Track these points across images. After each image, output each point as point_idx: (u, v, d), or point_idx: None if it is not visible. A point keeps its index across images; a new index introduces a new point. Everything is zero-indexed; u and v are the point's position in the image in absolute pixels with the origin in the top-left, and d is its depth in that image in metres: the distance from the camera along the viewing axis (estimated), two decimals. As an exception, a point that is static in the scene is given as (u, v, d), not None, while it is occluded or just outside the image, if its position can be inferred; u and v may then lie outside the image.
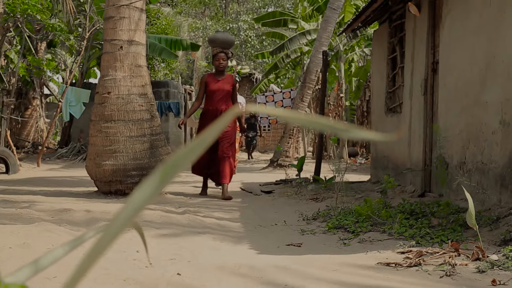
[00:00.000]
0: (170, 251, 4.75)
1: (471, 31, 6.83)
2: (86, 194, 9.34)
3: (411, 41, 9.10)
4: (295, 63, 25.93)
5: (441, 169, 7.46)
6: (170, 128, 22.81)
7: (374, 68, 12.11)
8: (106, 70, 9.13)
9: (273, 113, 0.69)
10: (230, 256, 4.75)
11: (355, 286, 3.78)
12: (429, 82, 8.36)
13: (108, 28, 9.18)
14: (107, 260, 4.11)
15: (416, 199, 7.61)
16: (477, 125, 6.49)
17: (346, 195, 8.36)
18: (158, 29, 24.89)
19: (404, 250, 4.76)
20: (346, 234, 5.83)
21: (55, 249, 0.74)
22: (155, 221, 6.31)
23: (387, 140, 0.77)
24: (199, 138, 0.64)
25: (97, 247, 0.63)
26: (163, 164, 0.64)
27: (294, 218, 7.13)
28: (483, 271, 3.96)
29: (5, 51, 20.21)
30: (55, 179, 12.69)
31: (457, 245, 4.51)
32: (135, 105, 9.01)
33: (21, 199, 8.36)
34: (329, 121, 0.66)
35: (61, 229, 5.52)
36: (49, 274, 3.62)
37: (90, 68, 23.42)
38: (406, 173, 8.75)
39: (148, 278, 3.80)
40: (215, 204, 8.51)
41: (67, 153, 20.50)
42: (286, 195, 9.60)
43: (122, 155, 8.87)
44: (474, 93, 6.63)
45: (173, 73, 36.24)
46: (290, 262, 4.54)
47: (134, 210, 0.63)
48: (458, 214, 5.87)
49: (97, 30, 18.87)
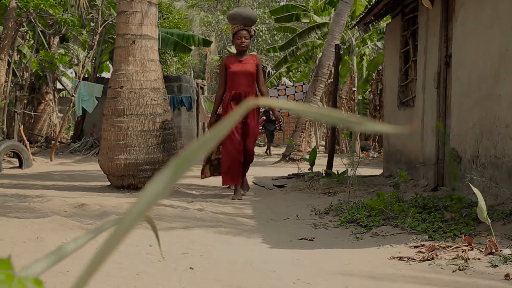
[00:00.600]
0: (182, 245, 4.76)
1: (484, 24, 6.79)
2: (99, 188, 9.37)
3: (424, 35, 9.06)
4: (307, 56, 25.87)
5: (454, 163, 7.44)
6: (183, 122, 22.83)
7: (387, 61, 12.06)
8: (119, 65, 9.15)
9: (286, 106, 0.68)
10: (242, 250, 4.75)
11: (367, 280, 3.78)
12: (442, 76, 8.32)
13: (121, 23, 9.20)
14: (120, 254, 4.13)
15: (429, 193, 7.59)
16: (490, 119, 6.45)
17: (358, 189, 8.34)
18: (170, 23, 24.89)
19: (416, 244, 4.75)
20: (358, 228, 5.82)
21: (68, 243, 0.74)
22: (167, 215, 6.33)
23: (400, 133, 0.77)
24: (212, 131, 0.64)
25: (110, 241, 0.63)
26: (176, 158, 0.64)
27: (306, 212, 7.12)
28: (496, 265, 3.94)
29: (18, 46, 20.28)
30: (68, 173, 12.74)
31: (470, 239, 4.49)
32: (147, 100, 9.02)
33: (34, 193, 8.40)
34: (341, 114, 0.66)
35: (74, 223, 5.54)
36: (62, 268, 3.64)
37: (103, 63, 23.45)
38: (418, 167, 8.72)
39: (161, 272, 3.80)
40: (228, 198, 8.51)
41: (79, 147, 20.57)
42: (298, 189, 9.59)
43: (134, 149, 8.89)
44: (487, 86, 6.59)
45: (185, 68, 36.28)
46: (303, 256, 4.54)
47: (146, 204, 0.63)
48: (471, 208, 5.84)
49: (109, 24, 18.91)
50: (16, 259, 3.90)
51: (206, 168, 9.54)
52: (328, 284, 3.71)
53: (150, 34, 9.21)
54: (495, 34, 6.46)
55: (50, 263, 0.71)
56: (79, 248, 0.75)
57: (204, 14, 42.36)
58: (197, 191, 9.33)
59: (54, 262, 0.72)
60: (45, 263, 0.71)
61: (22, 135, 16.37)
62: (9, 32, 16.82)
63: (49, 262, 0.71)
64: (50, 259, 0.72)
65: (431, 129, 8.51)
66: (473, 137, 6.96)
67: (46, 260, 0.71)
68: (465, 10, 7.43)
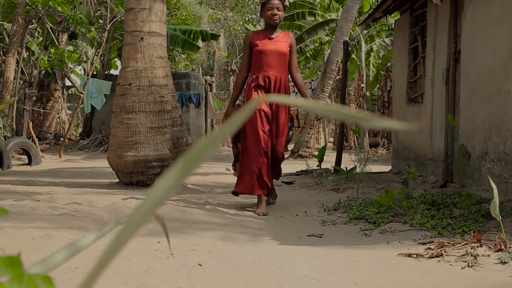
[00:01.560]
0: (191, 241, 4.76)
1: (493, 20, 6.76)
2: (108, 185, 9.39)
3: (432, 31, 9.03)
4: (315, 53, 25.83)
5: (463, 160, 7.42)
6: (191, 119, 22.84)
7: (395, 58, 12.04)
8: (127, 62, 9.16)
9: (295, 103, 0.68)
10: (251, 246, 4.76)
11: (376, 277, 3.77)
12: (450, 72, 8.30)
13: (129, 20, 9.21)
14: (129, 250, 4.14)
15: (438, 190, 7.57)
16: (500, 115, 6.43)
17: (367, 186, 8.33)
18: (178, 20, 24.90)
19: (425, 241, 4.74)
20: (367, 225, 5.81)
21: (77, 240, 0.74)
22: (175, 212, 6.34)
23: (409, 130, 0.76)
24: (225, 125, 0.63)
25: (119, 238, 0.63)
26: (185, 155, 0.64)
27: (315, 209, 7.12)
28: (505, 262, 3.92)
29: (27, 43, 20.33)
30: (76, 170, 12.78)
31: (479, 236, 4.48)
32: (156, 96, 9.03)
33: (43, 190, 8.42)
34: (350, 111, 0.66)
35: (83, 220, 5.56)
36: (71, 264, 3.65)
37: (111, 60, 23.50)
38: (427, 163, 8.71)
39: (169, 269, 3.81)
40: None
41: (88, 144, 20.62)
42: (307, 185, 9.58)
43: (143, 146, 8.90)
44: (497, 82, 6.57)
45: (194, 64, 36.28)
46: (311, 253, 4.54)
47: (155, 201, 0.63)
48: (480, 205, 5.83)
49: (118, 21, 18.94)
50: (26, 256, 3.91)
51: (237, 165, 7.72)
52: (336, 280, 3.70)
53: (159, 31, 9.21)
54: (504, 30, 6.43)
55: (59, 260, 0.72)
56: (88, 245, 0.75)
57: (213, 11, 42.33)
58: (205, 188, 9.34)
59: (63, 259, 0.72)
60: (54, 260, 0.71)
61: (31, 132, 16.42)
62: (18, 29, 16.87)
63: (58, 259, 0.72)
64: (59, 256, 0.72)
65: (440, 125, 8.49)
66: (482, 134, 6.94)
67: (55, 257, 0.72)
68: (474, 6, 7.41)
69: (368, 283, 3.66)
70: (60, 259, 0.72)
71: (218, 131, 0.64)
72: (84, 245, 0.74)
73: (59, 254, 0.72)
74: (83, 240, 0.74)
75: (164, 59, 9.32)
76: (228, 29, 41.68)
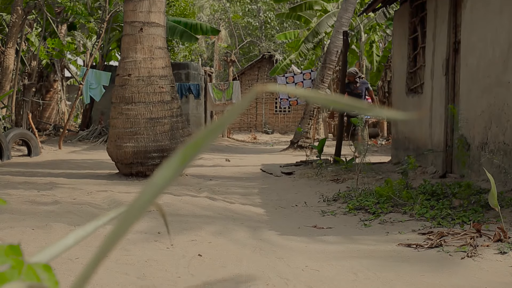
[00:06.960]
0: (190, 232, 4.77)
1: (493, 11, 6.75)
2: (107, 176, 9.40)
3: (432, 21, 9.01)
4: (315, 44, 25.78)
5: (463, 150, 7.42)
6: (190, 110, 22.82)
7: (395, 48, 12.02)
8: (127, 52, 9.15)
9: (294, 93, 0.68)
10: (251, 237, 4.76)
11: (376, 267, 3.78)
12: (450, 62, 8.28)
13: (128, 10, 9.19)
14: (129, 241, 4.14)
15: (437, 180, 7.57)
16: (499, 106, 6.43)
17: (366, 176, 8.33)
18: (176, 11, 24.84)
19: (425, 231, 4.75)
20: (366, 215, 5.82)
21: (77, 230, 0.75)
22: (175, 203, 6.34)
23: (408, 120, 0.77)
24: (221, 118, 0.63)
25: (118, 228, 0.63)
26: (184, 146, 0.64)
27: (314, 199, 7.13)
28: (504, 252, 3.94)
29: (26, 34, 20.29)
30: (76, 161, 12.77)
31: (479, 226, 4.49)
32: (155, 87, 9.02)
33: (43, 181, 8.43)
34: (350, 101, 0.66)
35: (82, 210, 5.56)
36: (71, 255, 3.66)
37: (111, 51, 23.45)
38: (427, 154, 8.71)
39: (169, 259, 3.82)
40: (236, 186, 8.52)
41: (88, 135, 20.60)
42: (306, 176, 9.59)
43: (142, 137, 8.90)
44: (497, 73, 6.56)
45: (193, 55, 36.22)
46: (311, 243, 4.55)
47: (155, 191, 0.63)
48: (480, 195, 5.83)
49: (117, 12, 18.89)
50: (26, 245, 3.92)
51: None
52: (336, 270, 3.71)
53: (158, 21, 9.19)
54: (504, 21, 6.42)
55: (59, 249, 0.72)
56: (88, 235, 0.75)
57: (212, 2, 42.18)
58: (205, 178, 9.34)
59: (63, 249, 0.72)
60: (55, 250, 0.71)
61: (30, 123, 16.40)
62: (17, 20, 16.84)
63: (59, 249, 0.72)
64: (59, 246, 0.72)
65: (440, 116, 8.49)
66: (481, 124, 6.93)
67: (56, 247, 0.72)
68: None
69: (367, 273, 3.67)
70: (60, 249, 0.72)
71: (217, 122, 0.64)
72: (83, 235, 0.75)
73: (59, 244, 0.72)
74: (82, 231, 0.74)
75: (164, 50, 9.31)
76: (228, 20, 41.57)
